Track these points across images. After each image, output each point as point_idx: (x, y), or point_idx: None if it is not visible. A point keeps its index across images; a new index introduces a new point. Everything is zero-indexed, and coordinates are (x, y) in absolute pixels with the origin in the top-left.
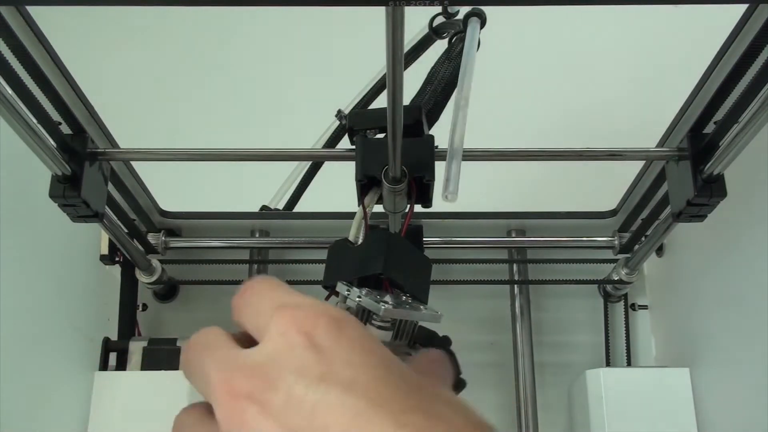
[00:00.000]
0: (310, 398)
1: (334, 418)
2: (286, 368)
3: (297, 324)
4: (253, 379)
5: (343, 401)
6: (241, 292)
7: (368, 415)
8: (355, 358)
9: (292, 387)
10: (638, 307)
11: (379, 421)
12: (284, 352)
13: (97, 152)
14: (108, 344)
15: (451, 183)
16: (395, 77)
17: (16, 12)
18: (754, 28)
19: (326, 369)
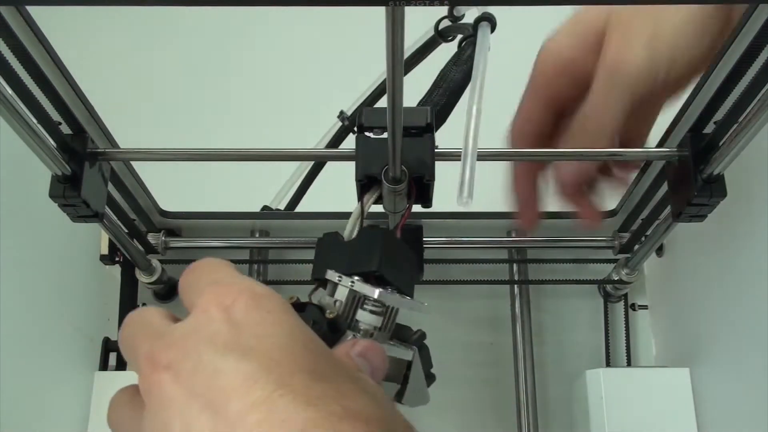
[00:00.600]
0: (212, 365)
1: (227, 381)
2: (200, 339)
3: (219, 299)
4: (172, 349)
5: (237, 366)
6: (185, 272)
7: (256, 378)
8: (261, 329)
9: (201, 355)
10: (638, 307)
11: (265, 382)
12: (203, 325)
13: (97, 152)
14: (108, 344)
15: (465, 188)
16: (395, 77)
17: (16, 12)
18: (754, 28)
19: (233, 338)
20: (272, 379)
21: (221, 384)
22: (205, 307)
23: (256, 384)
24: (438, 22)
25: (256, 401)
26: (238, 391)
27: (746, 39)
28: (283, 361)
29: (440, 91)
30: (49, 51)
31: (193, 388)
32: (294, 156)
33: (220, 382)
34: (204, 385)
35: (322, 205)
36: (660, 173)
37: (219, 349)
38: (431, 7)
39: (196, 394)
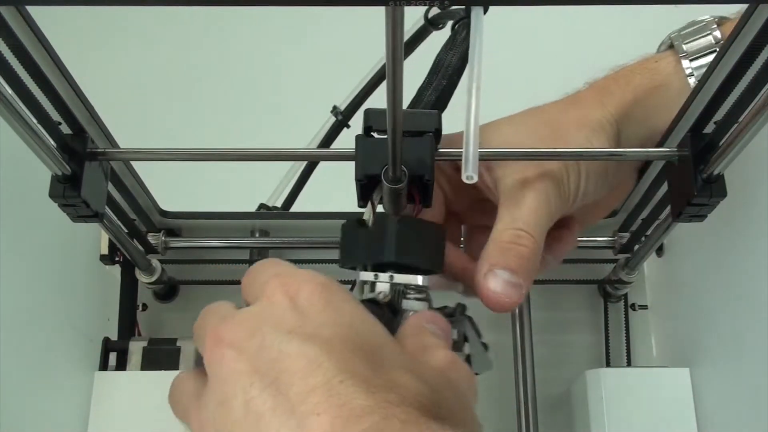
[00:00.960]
0: (276, 347)
1: (290, 363)
2: (265, 322)
3: (284, 288)
4: (237, 328)
5: (301, 350)
6: (247, 273)
7: (319, 363)
8: (324, 317)
9: (265, 336)
10: (638, 307)
11: (326, 368)
12: (268, 310)
13: (97, 152)
14: (108, 344)
15: (470, 164)
16: (395, 77)
17: (16, 12)
18: (754, 28)
19: (298, 323)
20: (333, 364)
21: (285, 365)
22: (270, 294)
23: (319, 369)
24: (427, 10)
25: (317, 385)
26: (300, 374)
27: (746, 39)
28: (345, 349)
29: (438, 77)
30: (49, 51)
31: (256, 366)
32: (294, 156)
33: (284, 363)
34: (268, 365)
35: (322, 204)
36: (660, 173)
37: (284, 333)
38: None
39: (259, 372)
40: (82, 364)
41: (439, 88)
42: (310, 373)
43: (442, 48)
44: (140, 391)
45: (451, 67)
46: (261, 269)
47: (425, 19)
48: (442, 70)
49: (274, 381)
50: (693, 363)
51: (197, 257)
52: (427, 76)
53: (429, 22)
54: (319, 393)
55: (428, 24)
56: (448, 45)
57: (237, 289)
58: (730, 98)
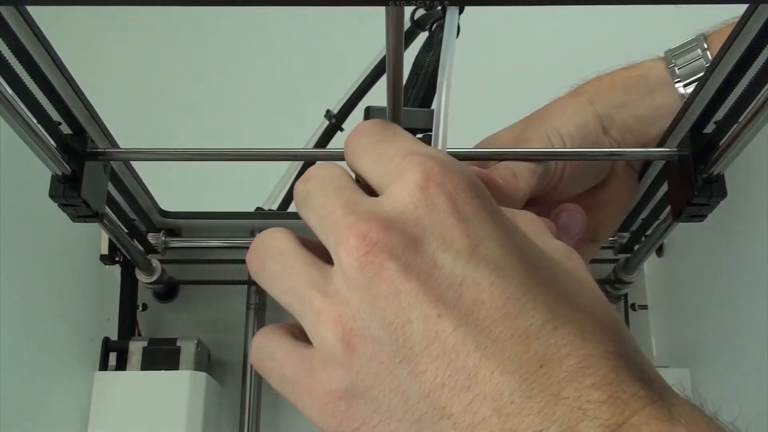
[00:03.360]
0: (458, 271)
1: (485, 297)
2: (429, 231)
3: (437, 180)
4: (392, 233)
5: (493, 282)
6: (357, 134)
7: (522, 301)
8: (502, 235)
9: (437, 254)
10: (638, 307)
11: (533, 309)
12: (424, 212)
13: (97, 152)
14: (108, 344)
15: None
16: (395, 77)
17: (16, 12)
18: (754, 28)
19: (473, 242)
20: (540, 304)
21: (478, 298)
22: (420, 184)
23: (525, 309)
24: (413, 12)
25: (530, 331)
26: (504, 313)
27: (746, 39)
28: (541, 285)
29: (419, 78)
30: (49, 51)
31: (437, 291)
32: (293, 156)
33: (476, 295)
34: (453, 293)
35: None
36: (660, 173)
37: (461, 254)
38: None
39: (444, 301)
40: (82, 364)
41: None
42: (519, 315)
43: (420, 49)
44: (140, 391)
45: (430, 67)
46: (381, 137)
47: (412, 21)
48: (423, 70)
49: (468, 315)
50: (693, 363)
51: (197, 257)
52: (408, 77)
53: (416, 23)
54: (536, 342)
55: (415, 26)
56: (426, 46)
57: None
58: (730, 98)
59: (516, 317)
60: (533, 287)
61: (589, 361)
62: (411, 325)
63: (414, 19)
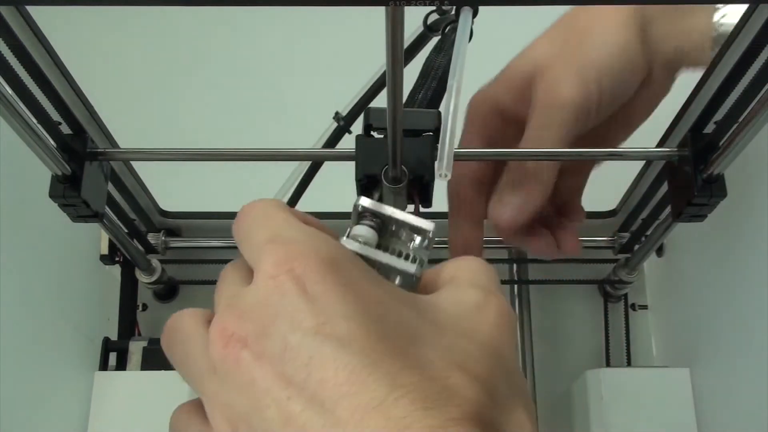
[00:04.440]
0: (304, 351)
1: (329, 374)
2: (279, 316)
3: (287, 265)
4: (245, 323)
5: (338, 357)
6: (238, 218)
7: (364, 375)
8: (349, 308)
9: (286, 336)
10: (638, 307)
11: (374, 381)
12: (275, 298)
13: (97, 152)
14: (108, 344)
15: (444, 162)
16: (395, 77)
17: (16, 12)
18: (754, 28)
19: (320, 320)
20: (382, 376)
21: (323, 376)
22: (271, 272)
23: (366, 382)
24: (426, 16)
25: (370, 404)
26: (346, 390)
27: (746, 39)
28: (386, 352)
29: (428, 79)
30: (49, 51)
31: (286, 374)
32: (293, 156)
33: (321, 374)
34: (301, 374)
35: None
36: (660, 173)
37: (308, 333)
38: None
39: (293, 384)
40: (82, 364)
41: (430, 89)
42: (360, 389)
43: (432, 50)
44: (140, 391)
45: (441, 69)
46: (254, 221)
47: (424, 25)
48: (433, 72)
49: (314, 396)
50: (693, 363)
51: (197, 257)
52: (417, 79)
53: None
54: (375, 415)
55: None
56: (438, 47)
57: None
58: (730, 98)
59: (357, 393)
60: (378, 359)
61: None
62: (269, 409)
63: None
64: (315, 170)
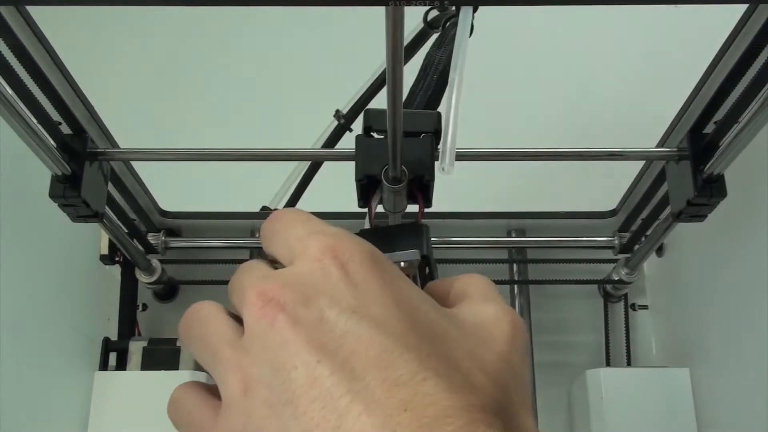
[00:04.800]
0: (341, 325)
1: (362, 348)
2: (319, 290)
3: (332, 252)
4: (286, 290)
5: (372, 336)
6: (270, 221)
7: (395, 355)
8: (386, 298)
9: (324, 310)
10: (638, 307)
11: (404, 362)
12: (319, 276)
13: (97, 152)
14: (108, 344)
15: (447, 156)
16: (395, 77)
17: (16, 12)
18: (754, 28)
19: (359, 302)
20: (413, 358)
21: (356, 348)
22: (318, 256)
23: (398, 361)
24: (426, 13)
25: (400, 379)
26: (377, 363)
27: (746, 39)
28: (418, 340)
29: (429, 74)
30: (49, 51)
31: (320, 341)
32: (294, 156)
33: (354, 346)
34: (334, 343)
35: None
36: (660, 173)
37: (346, 311)
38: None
39: (325, 349)
40: (82, 364)
41: (431, 85)
42: (390, 365)
43: (432, 46)
44: (140, 391)
45: (441, 64)
46: (290, 222)
47: (425, 22)
48: (433, 67)
49: (345, 363)
50: (693, 363)
51: (197, 257)
52: (418, 74)
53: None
54: (403, 389)
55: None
56: (438, 43)
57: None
58: (730, 98)
59: (387, 367)
60: (410, 343)
61: (450, 411)
62: (296, 370)
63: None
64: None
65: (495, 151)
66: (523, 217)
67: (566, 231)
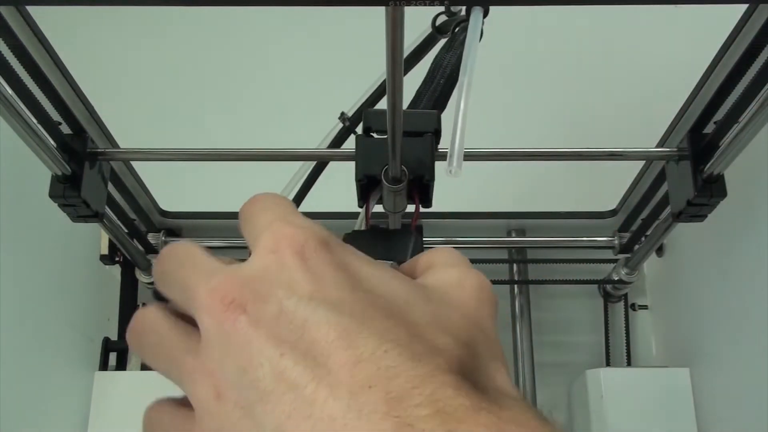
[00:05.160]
0: (300, 314)
1: (322, 334)
2: (276, 283)
3: (289, 241)
4: (244, 290)
5: (329, 319)
6: (247, 202)
7: (354, 333)
8: (341, 279)
9: (282, 301)
10: (638, 307)
11: (364, 338)
12: (275, 269)
13: (97, 152)
14: (108, 344)
15: (455, 158)
16: (395, 77)
17: (16, 12)
18: (754, 28)
19: (315, 288)
20: (372, 333)
21: (315, 336)
22: (273, 248)
23: (358, 338)
24: (435, 18)
25: (361, 356)
26: (337, 345)
27: (746, 39)
28: (376, 314)
29: (437, 77)
30: (49, 51)
31: (280, 335)
32: (294, 156)
33: (314, 333)
34: (295, 335)
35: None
36: (660, 173)
37: (303, 299)
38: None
39: (287, 342)
40: (82, 364)
41: (438, 87)
42: (350, 344)
43: (441, 49)
44: (140, 391)
45: (449, 67)
46: (260, 206)
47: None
48: (441, 70)
49: (307, 352)
50: (693, 363)
51: None
52: (425, 76)
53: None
54: (365, 365)
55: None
56: (447, 46)
57: None
58: (730, 98)
59: (348, 347)
60: (368, 319)
61: (416, 381)
62: (262, 368)
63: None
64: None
65: (495, 151)
66: (523, 217)
67: (566, 231)
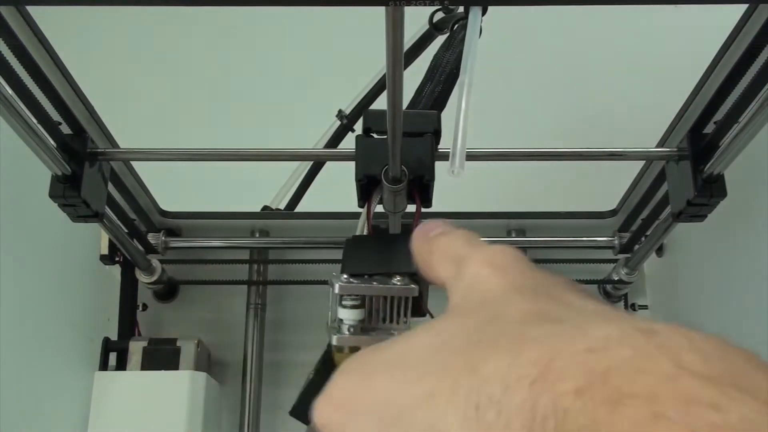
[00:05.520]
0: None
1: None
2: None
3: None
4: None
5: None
6: (426, 239)
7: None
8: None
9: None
10: (638, 307)
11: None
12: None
13: (97, 152)
14: (108, 344)
15: (457, 158)
16: (395, 77)
17: (16, 12)
18: (754, 28)
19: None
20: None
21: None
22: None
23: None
24: (432, 14)
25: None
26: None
27: (746, 39)
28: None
29: (436, 76)
30: (49, 51)
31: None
32: (294, 156)
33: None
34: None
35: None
36: (660, 173)
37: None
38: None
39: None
40: (82, 364)
41: (438, 86)
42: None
43: (440, 48)
44: (140, 391)
45: (449, 66)
46: (451, 239)
47: (430, 24)
48: (440, 69)
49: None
50: None
51: (197, 257)
52: (425, 76)
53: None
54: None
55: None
56: (446, 45)
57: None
58: (730, 98)
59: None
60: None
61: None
62: None
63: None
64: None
65: (495, 151)
66: (523, 217)
67: (566, 231)
